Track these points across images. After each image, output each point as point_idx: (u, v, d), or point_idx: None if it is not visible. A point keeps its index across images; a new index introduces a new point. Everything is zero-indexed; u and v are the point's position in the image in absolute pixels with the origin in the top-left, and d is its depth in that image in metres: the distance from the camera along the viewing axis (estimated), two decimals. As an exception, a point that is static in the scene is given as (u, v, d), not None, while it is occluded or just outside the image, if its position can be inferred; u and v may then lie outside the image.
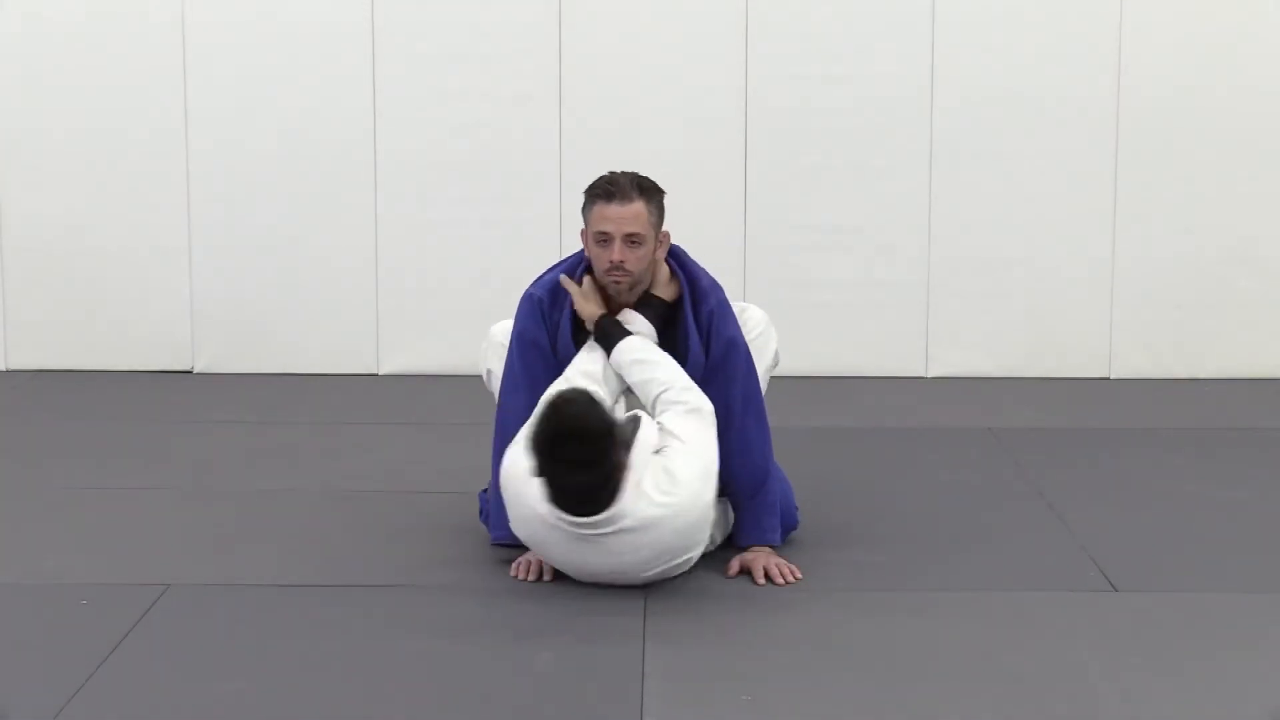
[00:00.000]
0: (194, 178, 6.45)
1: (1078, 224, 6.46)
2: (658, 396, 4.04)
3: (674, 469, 3.86)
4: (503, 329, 4.32)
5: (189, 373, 6.55)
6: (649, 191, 4.08)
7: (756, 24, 6.36)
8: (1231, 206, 6.44)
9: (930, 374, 6.54)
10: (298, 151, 6.44)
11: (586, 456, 3.73)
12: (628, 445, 3.83)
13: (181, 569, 4.12)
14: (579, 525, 3.81)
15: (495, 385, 4.30)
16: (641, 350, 4.09)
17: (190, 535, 4.43)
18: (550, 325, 4.16)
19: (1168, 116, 6.39)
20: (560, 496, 3.79)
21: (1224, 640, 3.70)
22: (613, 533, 3.82)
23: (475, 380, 4.38)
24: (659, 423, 3.98)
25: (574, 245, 6.36)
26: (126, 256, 6.50)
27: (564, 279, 4.18)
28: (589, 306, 4.14)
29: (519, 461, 3.87)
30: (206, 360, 6.55)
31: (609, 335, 4.10)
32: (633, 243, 4.04)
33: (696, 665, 3.53)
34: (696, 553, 3.96)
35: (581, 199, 4.13)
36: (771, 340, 4.38)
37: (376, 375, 6.55)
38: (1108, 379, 6.53)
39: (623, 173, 4.11)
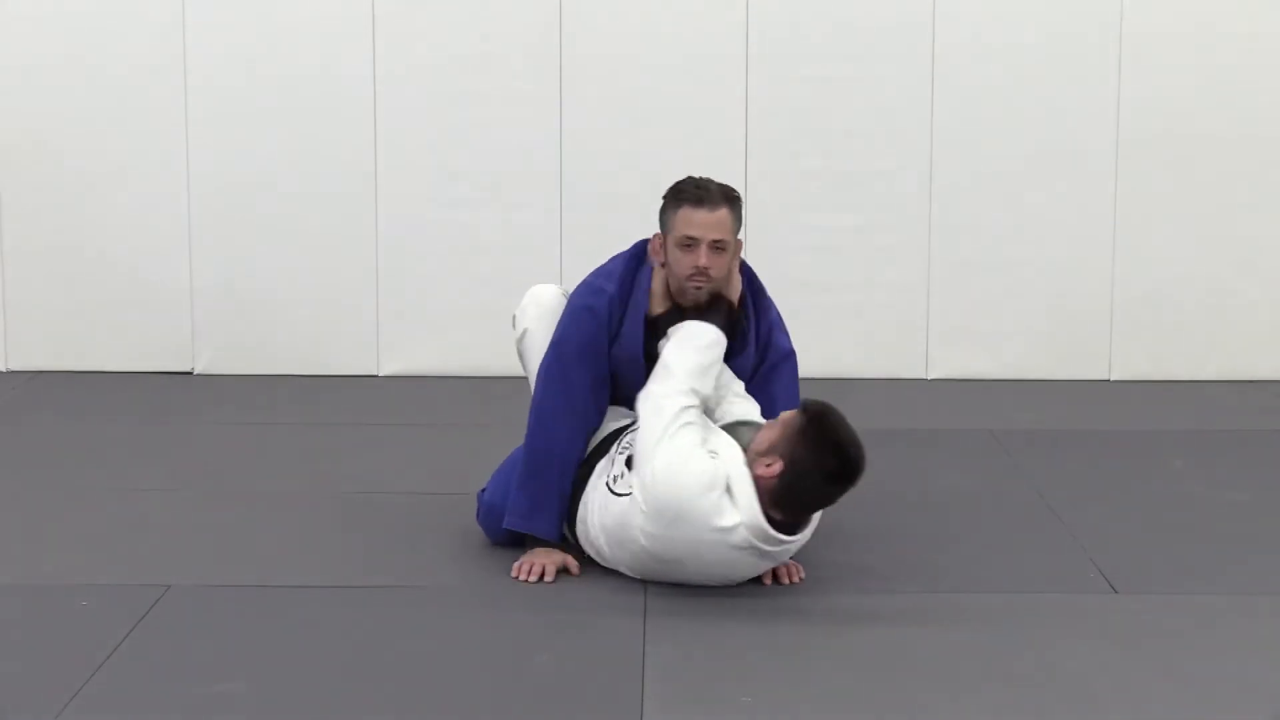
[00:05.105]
0: (194, 178, 6.45)
1: (1078, 225, 6.45)
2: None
3: None
4: (550, 293, 4.29)
5: (189, 373, 6.55)
6: (733, 200, 4.08)
7: (757, 24, 6.35)
8: (1232, 208, 6.43)
9: (931, 375, 6.53)
10: (298, 152, 6.43)
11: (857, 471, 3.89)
12: None
13: (182, 569, 4.12)
14: (783, 543, 3.89)
15: (529, 345, 4.26)
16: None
17: (190, 535, 4.43)
18: (614, 324, 4.13)
19: (1168, 117, 6.38)
20: (812, 505, 3.92)
21: (1224, 641, 3.70)
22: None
23: (476, 381, 4.38)
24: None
25: (573, 245, 6.39)
26: (126, 257, 6.50)
27: None
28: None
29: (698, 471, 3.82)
30: (206, 360, 6.55)
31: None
32: (718, 249, 4.03)
33: (696, 665, 3.53)
34: None
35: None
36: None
37: (376, 376, 6.54)
38: (1108, 381, 6.52)
39: (706, 178, 4.11)
